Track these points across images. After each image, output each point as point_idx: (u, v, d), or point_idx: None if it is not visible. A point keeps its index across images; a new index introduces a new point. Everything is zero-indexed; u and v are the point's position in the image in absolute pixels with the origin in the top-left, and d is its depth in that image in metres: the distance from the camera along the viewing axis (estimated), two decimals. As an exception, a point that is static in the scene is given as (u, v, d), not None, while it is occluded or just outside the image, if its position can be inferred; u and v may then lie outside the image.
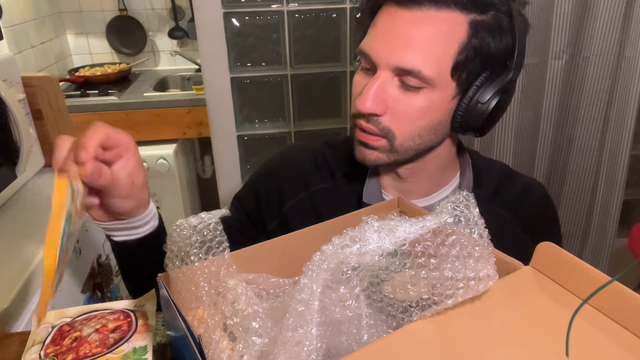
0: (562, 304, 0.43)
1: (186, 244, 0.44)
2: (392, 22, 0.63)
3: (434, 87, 0.63)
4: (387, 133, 0.66)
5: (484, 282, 0.41)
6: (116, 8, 2.25)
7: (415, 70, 0.62)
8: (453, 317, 0.42)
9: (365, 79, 0.67)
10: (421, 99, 0.64)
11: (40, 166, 1.11)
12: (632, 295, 0.39)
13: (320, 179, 0.79)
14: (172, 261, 0.45)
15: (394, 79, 0.64)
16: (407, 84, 0.63)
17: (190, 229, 0.44)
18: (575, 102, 1.52)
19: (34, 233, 0.88)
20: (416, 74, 0.62)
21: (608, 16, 1.40)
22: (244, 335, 0.42)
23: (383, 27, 0.64)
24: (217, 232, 0.44)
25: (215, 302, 0.43)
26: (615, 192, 1.54)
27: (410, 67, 0.62)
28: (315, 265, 0.40)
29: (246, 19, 1.66)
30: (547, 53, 1.46)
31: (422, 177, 0.76)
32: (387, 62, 0.63)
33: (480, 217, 0.45)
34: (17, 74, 1.04)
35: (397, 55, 0.62)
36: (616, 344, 0.39)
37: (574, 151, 1.57)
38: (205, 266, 0.43)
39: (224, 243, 0.44)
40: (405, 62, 0.62)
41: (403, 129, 0.66)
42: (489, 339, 0.40)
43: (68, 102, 1.79)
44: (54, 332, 0.50)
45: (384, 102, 0.65)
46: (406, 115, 0.65)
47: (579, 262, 0.43)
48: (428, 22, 0.62)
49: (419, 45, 0.62)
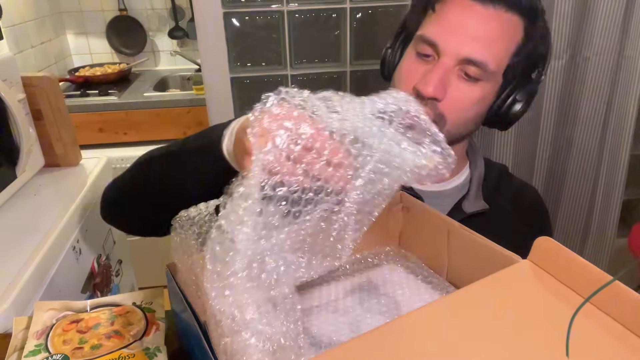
0: (560, 298, 0.43)
1: (187, 235, 0.45)
2: (466, 16, 0.67)
3: (489, 81, 0.69)
4: (440, 119, 0.70)
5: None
6: (116, 8, 2.25)
7: (483, 63, 0.66)
8: (450, 308, 0.42)
9: (422, 65, 0.70)
10: (478, 90, 0.69)
11: (40, 166, 1.11)
12: (632, 295, 0.39)
13: None
14: (176, 252, 0.45)
15: (455, 68, 0.68)
16: (468, 75, 0.68)
17: (189, 220, 0.45)
18: (575, 102, 1.52)
19: (34, 233, 0.88)
20: (481, 66, 0.67)
21: (608, 16, 1.40)
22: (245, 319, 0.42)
23: (455, 18, 0.68)
24: (212, 223, 0.45)
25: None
26: (615, 192, 1.54)
27: (480, 60, 0.66)
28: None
29: (246, 19, 1.66)
30: (547, 53, 1.46)
31: None
32: (458, 52, 0.67)
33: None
34: (17, 74, 1.04)
35: (469, 47, 0.66)
36: (617, 343, 0.39)
37: (574, 151, 1.57)
38: (201, 257, 0.43)
39: None
40: (477, 55, 0.66)
41: (455, 117, 0.70)
42: (486, 332, 0.40)
43: (68, 102, 1.79)
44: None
45: (445, 89, 0.68)
46: (462, 104, 0.69)
47: (577, 257, 0.43)
48: (498, 21, 0.67)
49: (488, 40, 0.67)
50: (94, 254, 1.07)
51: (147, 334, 0.49)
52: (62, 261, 0.89)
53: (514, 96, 0.72)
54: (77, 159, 1.18)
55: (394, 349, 0.38)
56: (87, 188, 1.07)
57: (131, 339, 0.48)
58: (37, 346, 0.47)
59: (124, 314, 0.52)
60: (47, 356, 0.46)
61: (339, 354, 0.38)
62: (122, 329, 0.49)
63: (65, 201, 1.00)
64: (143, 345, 0.47)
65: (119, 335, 0.48)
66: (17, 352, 0.49)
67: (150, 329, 0.50)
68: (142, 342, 0.48)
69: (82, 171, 1.16)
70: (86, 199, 1.05)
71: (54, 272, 0.85)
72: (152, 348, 0.47)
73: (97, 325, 0.49)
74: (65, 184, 1.09)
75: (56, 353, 0.46)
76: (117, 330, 0.49)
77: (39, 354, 0.46)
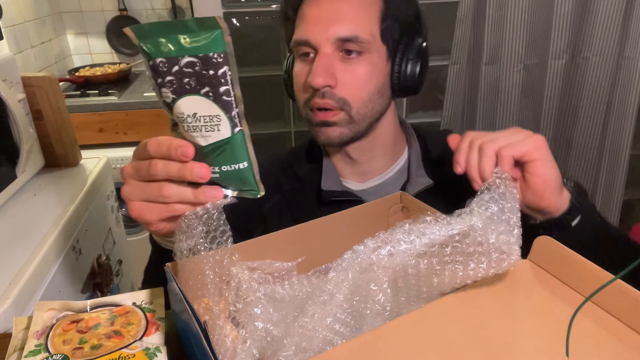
0: (560, 297, 0.43)
1: (193, 234, 0.45)
2: (319, 6, 0.72)
3: (371, 51, 0.72)
4: (343, 104, 0.72)
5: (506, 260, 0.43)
6: (116, 8, 2.25)
7: (353, 36, 0.70)
8: (450, 307, 0.42)
9: (307, 65, 0.73)
10: (364, 64, 0.72)
11: (40, 166, 1.11)
12: (633, 292, 0.39)
13: (288, 181, 0.84)
14: (181, 251, 0.45)
15: (335, 52, 0.71)
16: (349, 50, 0.70)
17: (197, 219, 0.45)
18: (575, 102, 1.52)
19: (34, 233, 0.88)
20: (355, 39, 0.70)
21: (608, 16, 1.40)
22: (247, 321, 0.43)
23: (312, 13, 0.72)
24: (220, 221, 0.45)
25: (220, 290, 0.44)
26: (615, 192, 1.54)
27: (349, 34, 0.69)
28: (345, 262, 0.42)
29: (246, 19, 1.66)
30: (547, 53, 1.46)
31: (374, 154, 0.80)
32: (327, 37, 0.70)
33: (516, 204, 0.45)
34: (17, 74, 1.04)
35: (335, 28, 0.70)
36: (618, 341, 0.39)
37: (574, 151, 1.57)
38: (210, 255, 0.44)
39: (227, 232, 0.45)
40: (344, 32, 0.70)
41: (356, 97, 0.72)
42: (486, 332, 0.40)
43: (68, 102, 1.79)
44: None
45: (334, 75, 0.71)
46: (356, 81, 0.72)
47: (577, 256, 0.43)
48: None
49: (349, 16, 0.70)
50: (94, 254, 1.07)
51: (147, 334, 0.49)
52: (62, 261, 0.89)
53: (405, 57, 0.74)
54: (77, 159, 1.18)
55: (394, 349, 0.38)
56: (87, 188, 1.07)
57: (131, 339, 0.48)
58: (37, 346, 0.47)
59: (124, 314, 0.52)
60: (47, 356, 0.46)
61: (339, 355, 0.38)
62: (122, 329, 0.49)
63: (65, 201, 1.00)
64: (143, 345, 0.47)
65: (119, 335, 0.48)
66: (17, 352, 0.49)
67: (150, 329, 0.50)
68: (142, 342, 0.48)
69: (82, 171, 1.16)
70: (86, 199, 1.05)
71: (54, 272, 0.85)
72: (152, 348, 0.47)
73: (97, 325, 0.49)
74: (65, 184, 1.09)
75: (56, 353, 0.46)
76: (117, 330, 0.49)
77: (39, 354, 0.46)
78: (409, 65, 0.75)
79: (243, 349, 0.39)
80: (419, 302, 0.45)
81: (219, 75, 0.43)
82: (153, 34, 0.43)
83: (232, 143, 0.45)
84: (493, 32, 1.40)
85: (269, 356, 0.41)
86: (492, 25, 1.39)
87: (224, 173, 0.46)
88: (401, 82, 0.76)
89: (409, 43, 0.75)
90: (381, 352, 0.38)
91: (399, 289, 0.45)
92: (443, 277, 0.43)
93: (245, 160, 0.46)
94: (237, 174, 0.46)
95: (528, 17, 1.39)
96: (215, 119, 0.44)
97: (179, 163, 0.45)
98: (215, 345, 0.40)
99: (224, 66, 0.43)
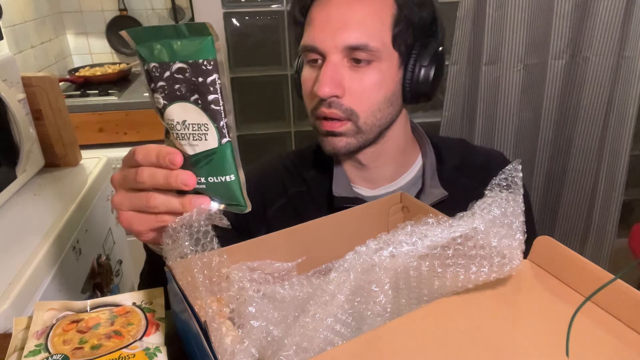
0: (560, 297, 0.43)
1: (179, 237, 0.44)
2: (328, 10, 0.69)
3: (381, 59, 0.69)
4: (350, 114, 0.70)
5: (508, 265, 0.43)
6: (116, 8, 2.25)
7: (362, 45, 0.67)
8: (450, 307, 0.42)
9: (315, 71, 0.71)
10: (373, 73, 0.69)
11: (40, 166, 1.11)
12: (633, 292, 0.39)
13: (294, 183, 0.82)
14: (170, 254, 0.45)
15: (344, 60, 0.68)
16: (358, 59, 0.68)
17: (183, 226, 0.45)
18: (575, 102, 1.52)
19: (34, 233, 0.88)
20: (364, 48, 0.67)
21: (608, 16, 1.40)
22: (243, 321, 0.43)
23: (320, 18, 0.69)
24: (201, 222, 0.45)
25: (211, 291, 0.44)
26: (615, 192, 1.54)
27: (358, 43, 0.67)
28: (347, 262, 0.42)
29: (246, 19, 1.66)
30: (547, 53, 1.46)
31: (384, 161, 0.78)
32: (335, 45, 0.67)
33: (521, 208, 0.45)
34: (17, 74, 1.04)
35: (343, 36, 0.67)
36: (618, 341, 0.39)
37: (574, 151, 1.57)
38: (198, 258, 0.43)
39: (210, 233, 0.44)
40: (352, 40, 0.67)
41: (364, 107, 0.70)
42: (486, 332, 0.40)
43: (68, 102, 1.79)
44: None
45: (341, 84, 0.68)
46: (364, 92, 0.69)
47: (577, 256, 0.43)
48: (360, 2, 0.68)
49: (358, 23, 0.67)
50: (94, 254, 1.07)
51: (147, 334, 0.49)
52: (62, 261, 0.89)
53: (418, 63, 0.71)
54: (77, 159, 1.18)
55: (394, 349, 0.38)
56: (87, 188, 1.07)
57: (131, 339, 0.48)
58: (37, 346, 0.47)
59: (124, 314, 0.52)
60: (47, 356, 0.46)
61: (339, 355, 0.38)
62: (122, 329, 0.49)
63: (65, 201, 1.00)
64: (143, 345, 0.47)
65: (119, 335, 0.48)
66: (17, 352, 0.49)
67: (150, 329, 0.50)
68: (142, 342, 0.48)
69: (82, 171, 1.16)
70: (86, 199, 1.05)
71: (54, 272, 0.85)
72: (152, 348, 0.47)
73: (97, 325, 0.49)
74: (65, 184, 1.09)
75: (56, 353, 0.46)
76: (117, 330, 0.49)
77: (39, 354, 0.46)
78: (422, 72, 0.71)
79: (241, 349, 0.40)
80: (419, 305, 0.45)
81: (208, 83, 0.42)
82: (148, 38, 0.43)
83: (219, 154, 0.44)
84: (493, 32, 1.40)
85: (269, 356, 0.41)
86: (492, 25, 1.39)
87: (210, 184, 0.45)
88: (413, 90, 0.72)
89: (423, 48, 0.72)
90: (382, 352, 0.38)
91: (400, 291, 0.45)
92: (444, 279, 0.43)
93: (233, 174, 0.45)
94: (224, 187, 0.45)
95: (528, 17, 1.39)
96: (203, 127, 0.43)
97: (165, 171, 0.45)
98: (215, 346, 0.40)
99: (213, 74, 0.42)
